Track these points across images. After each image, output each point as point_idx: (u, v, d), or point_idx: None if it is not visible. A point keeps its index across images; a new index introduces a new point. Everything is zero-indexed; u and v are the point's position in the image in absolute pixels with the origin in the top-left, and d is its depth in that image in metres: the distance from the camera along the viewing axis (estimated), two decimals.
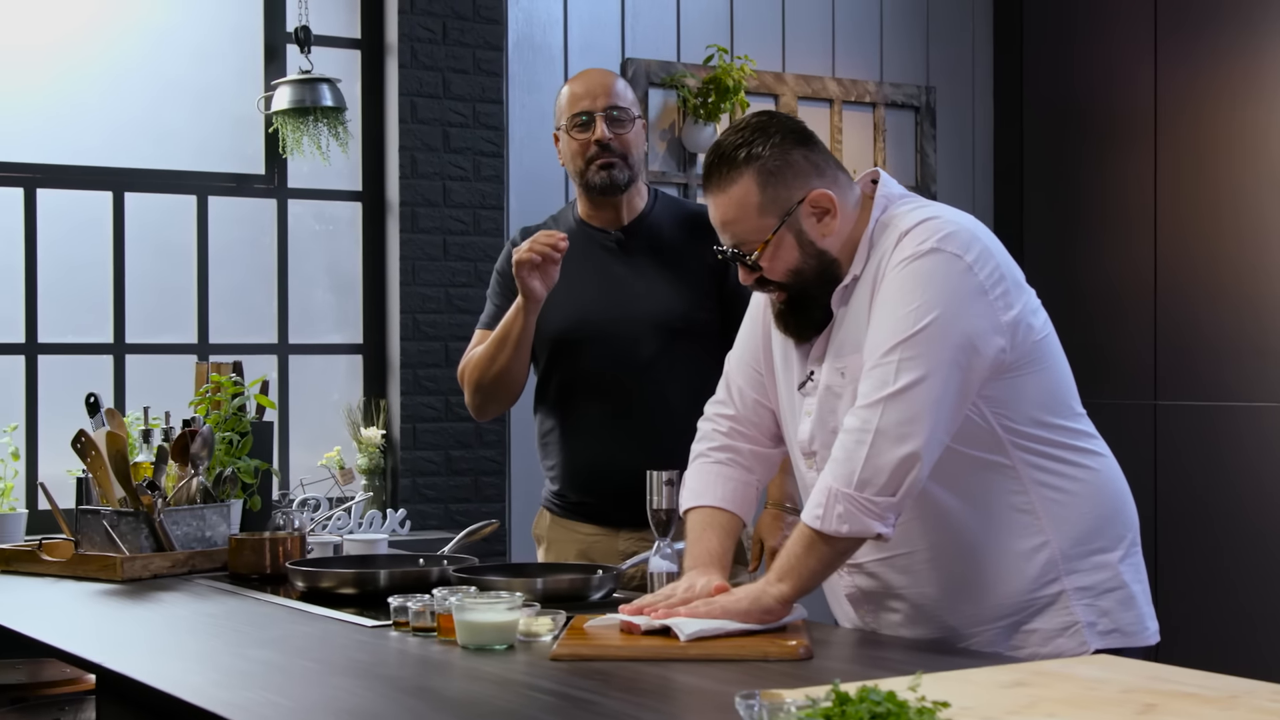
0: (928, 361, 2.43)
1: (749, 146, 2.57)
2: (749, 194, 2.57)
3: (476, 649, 2.47)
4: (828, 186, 2.59)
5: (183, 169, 5.22)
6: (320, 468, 5.23)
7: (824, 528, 2.46)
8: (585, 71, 3.58)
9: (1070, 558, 2.59)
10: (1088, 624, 2.58)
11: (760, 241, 2.59)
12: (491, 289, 3.64)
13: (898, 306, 2.48)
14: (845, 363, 2.59)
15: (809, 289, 2.61)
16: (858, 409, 2.47)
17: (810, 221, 2.58)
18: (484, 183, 5.47)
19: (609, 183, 3.45)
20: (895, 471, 2.42)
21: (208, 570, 3.51)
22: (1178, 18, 5.97)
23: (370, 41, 5.45)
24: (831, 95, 6.18)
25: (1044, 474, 2.58)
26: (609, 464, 3.43)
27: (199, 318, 5.23)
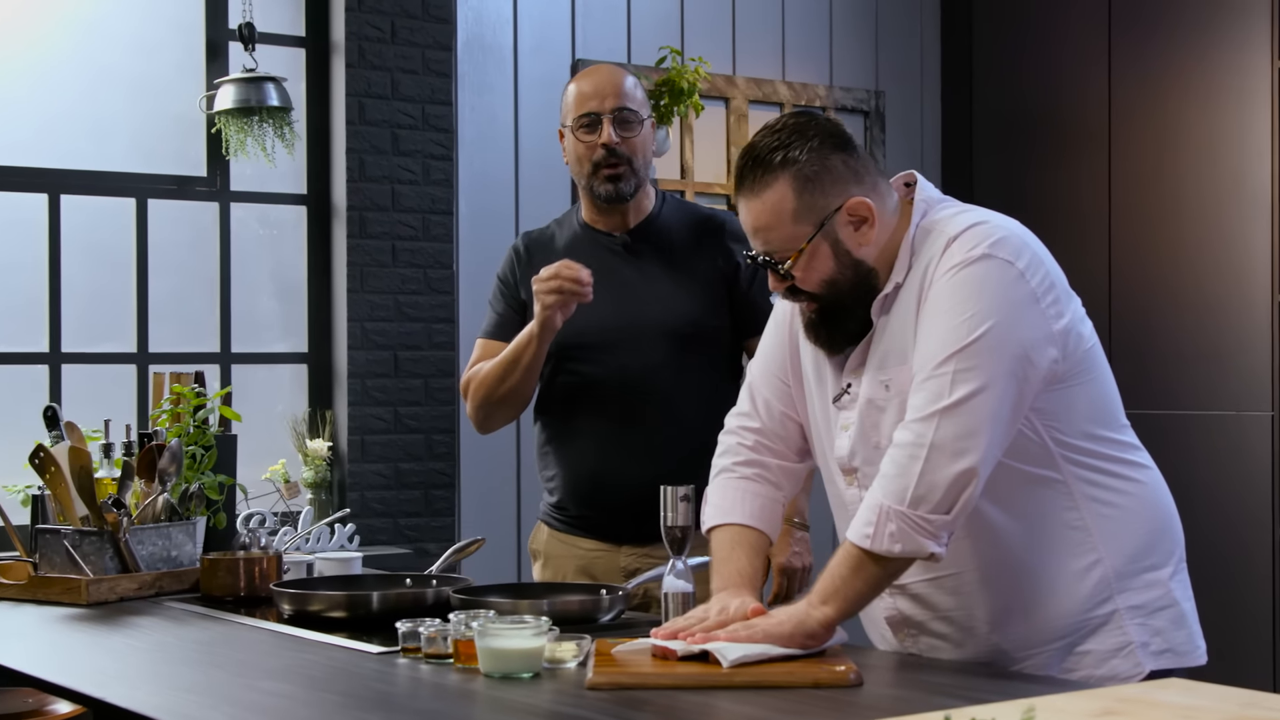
0: (984, 373, 2.32)
1: (785, 149, 2.44)
2: (784, 200, 2.44)
3: (501, 677, 2.32)
4: (866, 194, 2.46)
5: (121, 170, 5.01)
6: (264, 481, 5.03)
7: (874, 547, 2.33)
8: (594, 68, 3.44)
9: (1123, 575, 2.49)
10: (1141, 644, 2.49)
11: (794, 250, 2.45)
12: (493, 296, 3.49)
13: (950, 316, 2.36)
14: (890, 375, 2.46)
15: (844, 300, 2.48)
16: (910, 422, 2.35)
17: (847, 230, 2.45)
18: (434, 186, 5.31)
19: (615, 194, 3.33)
20: (951, 488, 2.31)
21: (176, 592, 3.33)
22: (1131, 19, 5.93)
23: (316, 40, 5.27)
24: (782, 99, 6.08)
25: (1095, 489, 2.48)
26: (613, 476, 3.29)
27: (138, 326, 5.02)
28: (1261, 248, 5.52)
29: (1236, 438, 5.57)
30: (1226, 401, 5.60)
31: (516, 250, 3.49)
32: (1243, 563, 5.52)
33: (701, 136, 5.90)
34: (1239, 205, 5.59)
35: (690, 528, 2.70)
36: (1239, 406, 5.58)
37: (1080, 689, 2.18)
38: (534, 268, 3.42)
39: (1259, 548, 5.51)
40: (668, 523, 2.70)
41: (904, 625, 2.58)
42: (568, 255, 3.39)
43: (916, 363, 2.39)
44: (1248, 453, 5.55)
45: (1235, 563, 5.53)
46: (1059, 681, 2.33)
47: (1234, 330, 5.60)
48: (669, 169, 5.83)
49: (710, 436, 3.31)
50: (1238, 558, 5.53)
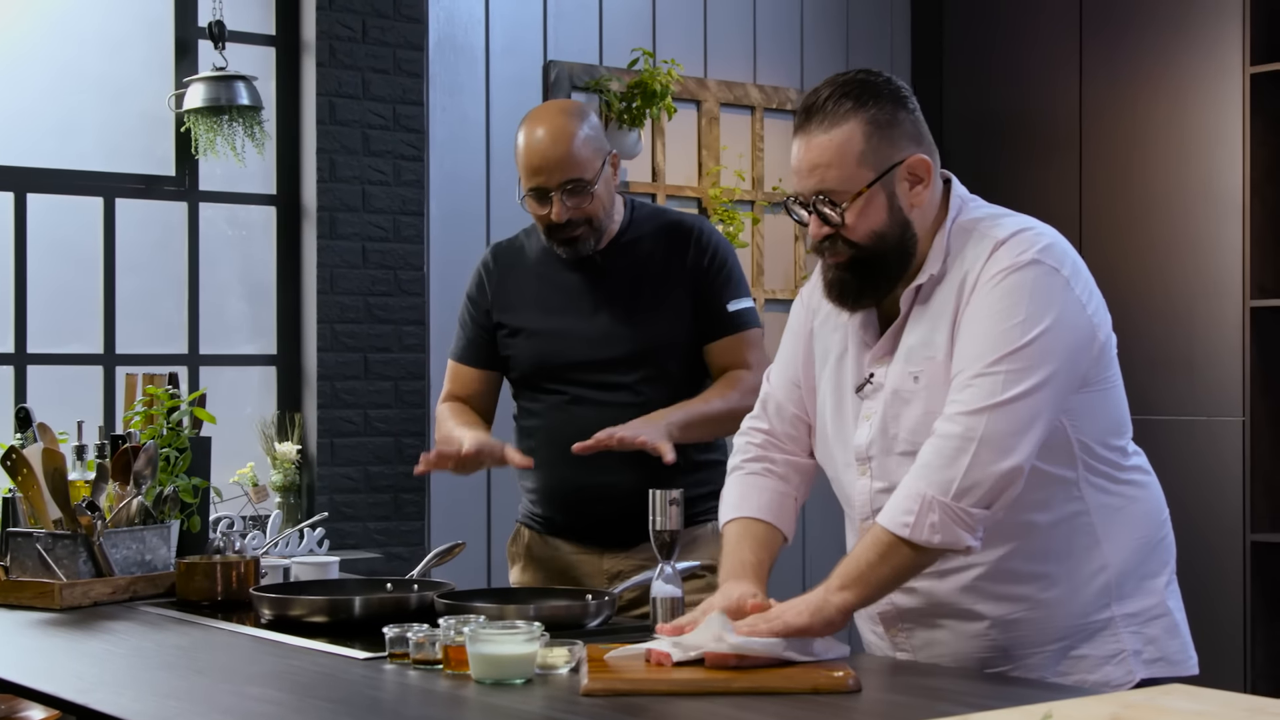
0: (1035, 375, 2.34)
1: (861, 93, 2.44)
2: (853, 140, 2.42)
3: (493, 683, 2.28)
4: (928, 155, 2.47)
5: (88, 169, 4.94)
6: (232, 485, 4.97)
7: (913, 536, 2.32)
8: (536, 123, 3.22)
9: (1123, 582, 2.50)
10: (1133, 652, 2.49)
11: (852, 193, 2.43)
12: (462, 316, 3.45)
13: (1002, 318, 2.37)
14: (920, 368, 2.46)
15: (887, 256, 2.46)
16: (957, 415, 2.34)
17: (904, 186, 2.45)
18: (404, 187, 5.26)
19: (573, 255, 3.27)
20: (996, 484, 2.31)
21: (151, 596, 3.27)
22: (1102, 22, 5.93)
23: (286, 38, 5.21)
24: (753, 102, 6.06)
25: (1105, 494, 2.49)
26: (592, 488, 3.25)
27: (105, 326, 4.96)
28: (1232, 253, 5.52)
29: (1208, 443, 5.58)
30: (1198, 407, 5.60)
31: (485, 265, 3.43)
32: (1214, 569, 5.53)
33: (673, 139, 5.88)
34: (1210, 210, 5.60)
35: (679, 532, 2.67)
36: (1210, 412, 5.58)
37: (1080, 694, 2.16)
38: (503, 281, 3.39)
39: (1230, 554, 5.51)
40: (656, 527, 2.67)
41: (899, 620, 2.55)
42: (537, 271, 3.36)
43: (961, 360, 2.39)
44: (1219, 458, 5.55)
45: (1207, 569, 5.53)
46: (1060, 687, 2.30)
47: (1205, 335, 5.60)
48: (640, 172, 5.79)
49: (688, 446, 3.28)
50: (1210, 564, 5.53)
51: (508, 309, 3.37)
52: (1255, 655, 5.46)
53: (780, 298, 6.10)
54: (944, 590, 2.49)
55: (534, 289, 3.35)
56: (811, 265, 6.16)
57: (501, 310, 3.38)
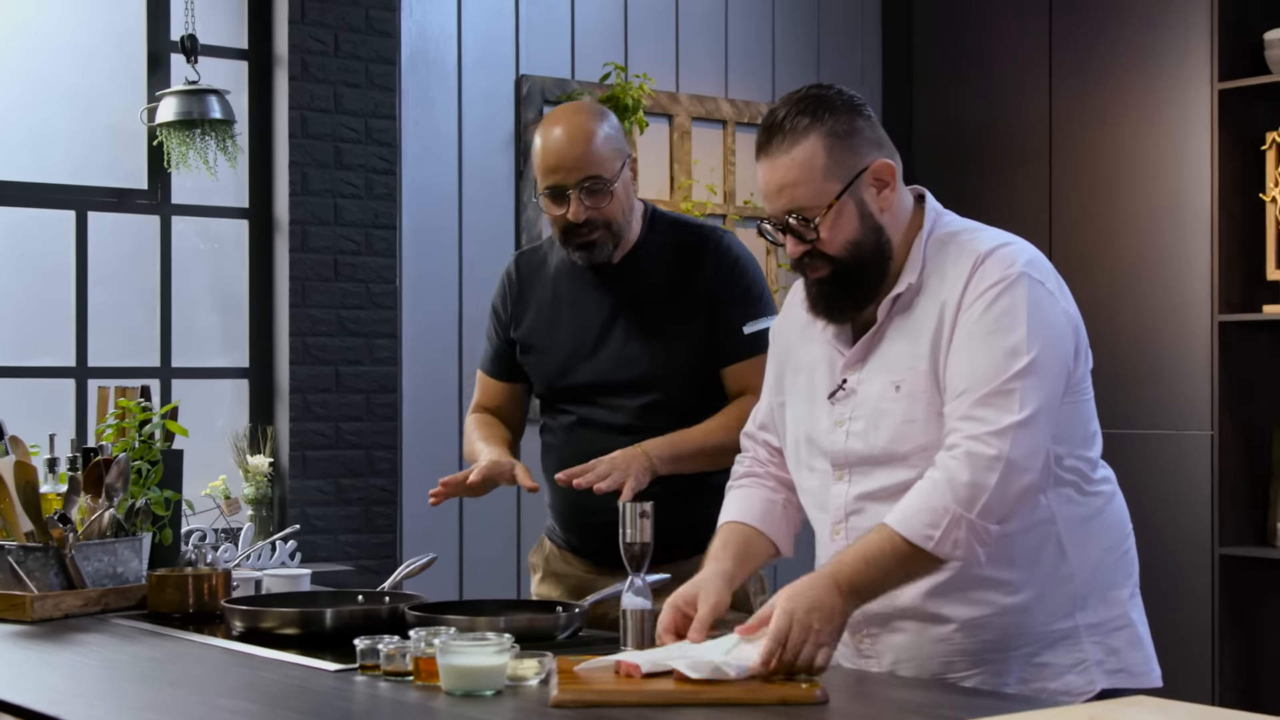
0: (1043, 391, 2.40)
1: (816, 109, 2.48)
2: (815, 156, 2.45)
3: (463, 695, 2.29)
4: (889, 159, 2.52)
5: (59, 182, 4.94)
6: (204, 497, 4.97)
7: (937, 550, 2.34)
8: (557, 124, 3.17)
9: (1087, 593, 2.53)
10: (1096, 661, 2.52)
11: (822, 207, 2.46)
12: (488, 326, 3.44)
13: (1004, 335, 2.41)
14: (903, 377, 2.49)
15: (864, 264, 2.50)
16: (986, 435, 2.36)
17: (871, 193, 2.49)
18: (377, 201, 5.27)
19: (589, 261, 3.20)
20: (1017, 503, 2.37)
21: (122, 609, 3.27)
22: (1071, 36, 5.97)
23: (259, 52, 5.22)
24: (725, 116, 6.09)
25: (1072, 505, 2.52)
26: (598, 507, 3.18)
27: (77, 339, 4.95)
28: (1201, 268, 5.56)
29: (1176, 458, 5.61)
30: (1166, 421, 5.64)
31: (509, 275, 3.40)
32: (1183, 582, 5.56)
33: (645, 153, 5.89)
34: (1179, 225, 5.64)
35: (649, 544, 2.67)
36: (1179, 426, 5.62)
37: (1042, 705, 2.18)
38: (525, 291, 3.36)
39: (1199, 567, 5.55)
40: (626, 539, 2.68)
41: (863, 625, 2.56)
42: (556, 283, 3.32)
43: (966, 378, 2.41)
44: (1187, 472, 5.58)
45: (1175, 582, 5.57)
46: (1024, 699, 2.33)
47: (1174, 349, 5.64)
48: None
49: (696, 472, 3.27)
50: (1178, 577, 5.57)
51: (522, 324, 3.35)
52: (1223, 668, 5.50)
53: None
54: (909, 595, 2.50)
55: (548, 304, 3.31)
56: (786, 280, 6.18)
57: (517, 325, 3.35)
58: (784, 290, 5.98)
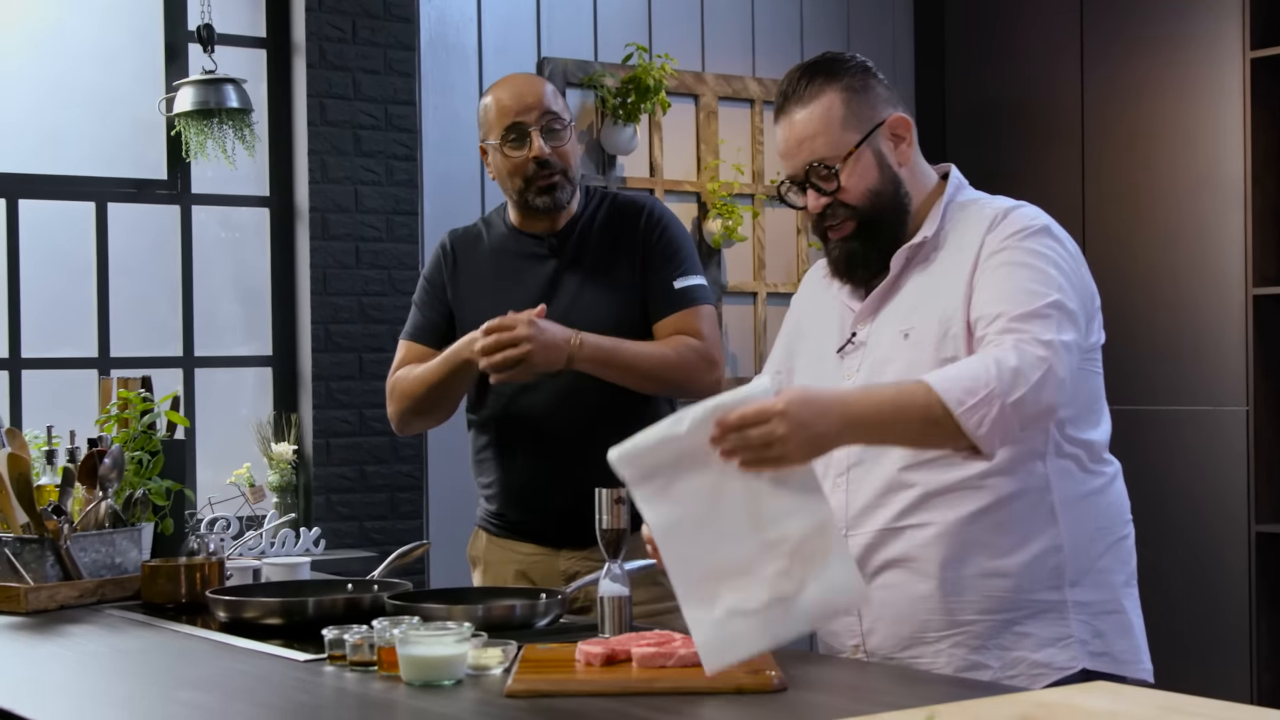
0: (1072, 329, 2.42)
1: (832, 65, 2.60)
2: (833, 107, 2.56)
3: (422, 685, 2.28)
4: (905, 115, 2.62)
5: (80, 174, 4.97)
6: (229, 486, 5.00)
7: (963, 418, 2.29)
8: (509, 78, 3.33)
9: (1078, 570, 2.52)
10: (1080, 640, 2.51)
11: (842, 156, 2.55)
12: (418, 297, 3.44)
13: (1037, 271, 2.44)
14: (913, 325, 2.53)
15: (883, 216, 2.57)
16: (1033, 340, 2.35)
17: (889, 145, 2.59)
18: (397, 187, 5.27)
19: (552, 204, 3.26)
20: (1042, 414, 2.37)
21: (119, 599, 3.28)
22: (1103, 10, 5.89)
23: (276, 40, 5.23)
24: (752, 95, 6.04)
25: (1069, 479, 2.53)
26: (548, 480, 3.24)
27: (99, 330, 4.99)
28: (1235, 242, 5.47)
29: (1212, 433, 5.53)
30: (1202, 397, 5.55)
31: (444, 248, 3.43)
32: (1219, 559, 5.48)
33: (671, 134, 5.86)
34: (1212, 199, 5.55)
35: (625, 530, 2.66)
36: (1214, 402, 5.53)
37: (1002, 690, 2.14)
38: (460, 268, 3.38)
39: (1235, 544, 5.46)
40: (602, 525, 2.67)
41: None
42: (494, 259, 3.35)
43: (1000, 302, 2.42)
44: (1223, 448, 5.50)
45: (1212, 559, 5.49)
46: (986, 685, 2.29)
47: (1209, 325, 5.55)
48: (637, 167, 5.78)
49: None
50: (1214, 555, 5.48)
51: (462, 297, 3.36)
52: (1260, 645, 5.41)
53: (782, 291, 6.08)
54: (897, 543, 2.52)
55: (489, 278, 3.34)
56: (815, 258, 6.13)
57: (456, 298, 3.37)
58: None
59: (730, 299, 5.95)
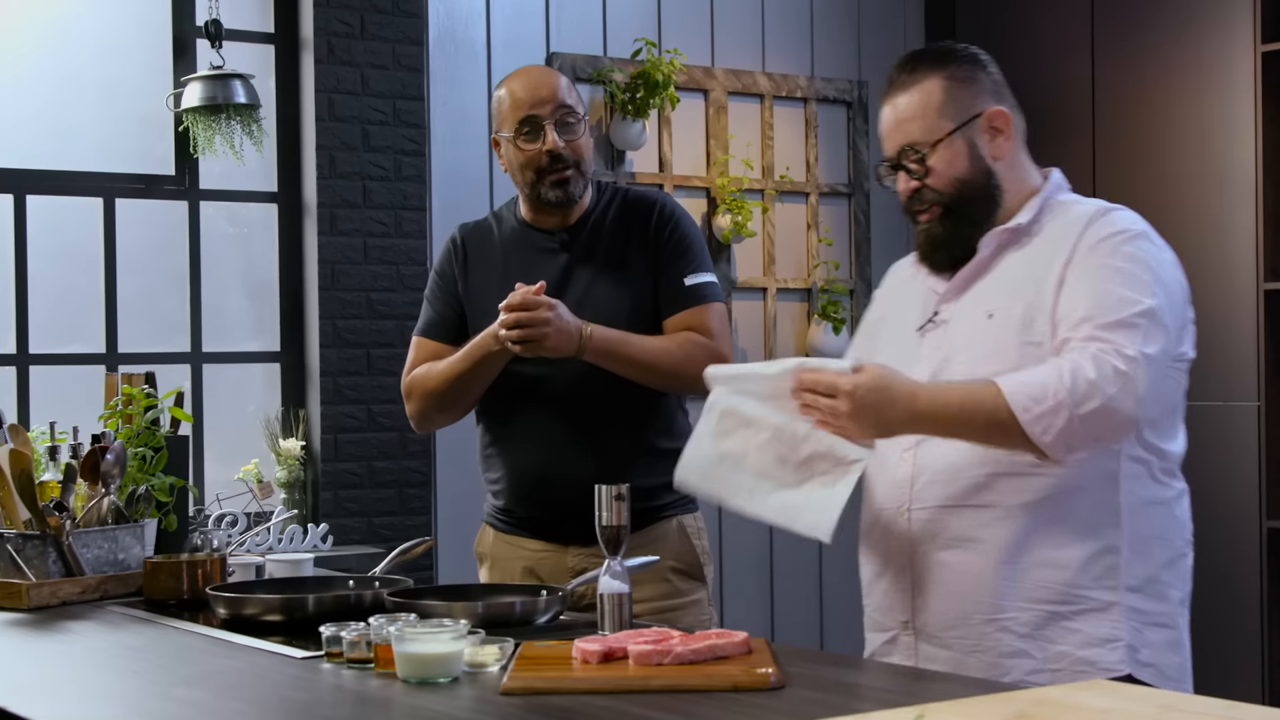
0: (1162, 340, 2.44)
1: (937, 57, 2.67)
2: (933, 94, 2.63)
3: (418, 682, 2.27)
4: (1010, 111, 2.66)
5: (87, 170, 4.97)
6: (237, 481, 4.99)
7: (1028, 425, 2.37)
8: (524, 70, 3.33)
9: (1134, 576, 2.52)
10: (1129, 645, 2.50)
11: (932, 142, 2.61)
12: (430, 291, 3.43)
13: (1131, 277, 2.46)
14: (998, 306, 2.55)
15: (970, 204, 2.62)
16: (1115, 352, 2.39)
17: (984, 138, 2.63)
18: (405, 183, 5.26)
19: (565, 198, 3.25)
20: (1117, 428, 2.40)
21: (121, 595, 3.28)
22: (1114, 6, 5.86)
23: (285, 36, 5.22)
24: (762, 90, 6.02)
25: (1137, 482, 2.54)
26: (556, 475, 3.23)
27: (107, 326, 4.99)
28: (1246, 236, 5.44)
29: (1224, 428, 5.50)
30: (1213, 392, 5.52)
31: (454, 242, 3.42)
32: (1231, 555, 5.45)
33: (680, 129, 5.85)
34: (1223, 194, 5.52)
35: (625, 527, 2.65)
36: (1226, 397, 5.50)
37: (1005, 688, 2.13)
38: (471, 262, 3.37)
39: (1247, 539, 5.44)
40: (602, 522, 2.65)
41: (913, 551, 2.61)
42: (505, 253, 3.34)
43: (1086, 306, 2.45)
44: (1235, 443, 5.47)
45: (1224, 555, 5.46)
46: (986, 684, 2.27)
47: (1220, 320, 5.52)
48: (646, 162, 5.77)
49: (652, 431, 3.27)
50: (1226, 550, 5.46)
51: (473, 291, 3.35)
52: (1273, 642, 5.39)
53: (792, 287, 6.06)
54: (958, 520, 2.55)
55: (500, 272, 3.33)
56: (824, 255, 6.12)
57: (467, 292, 3.36)
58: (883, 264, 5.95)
59: (740, 294, 5.94)
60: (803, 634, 6.06)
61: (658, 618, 3.18)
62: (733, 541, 5.91)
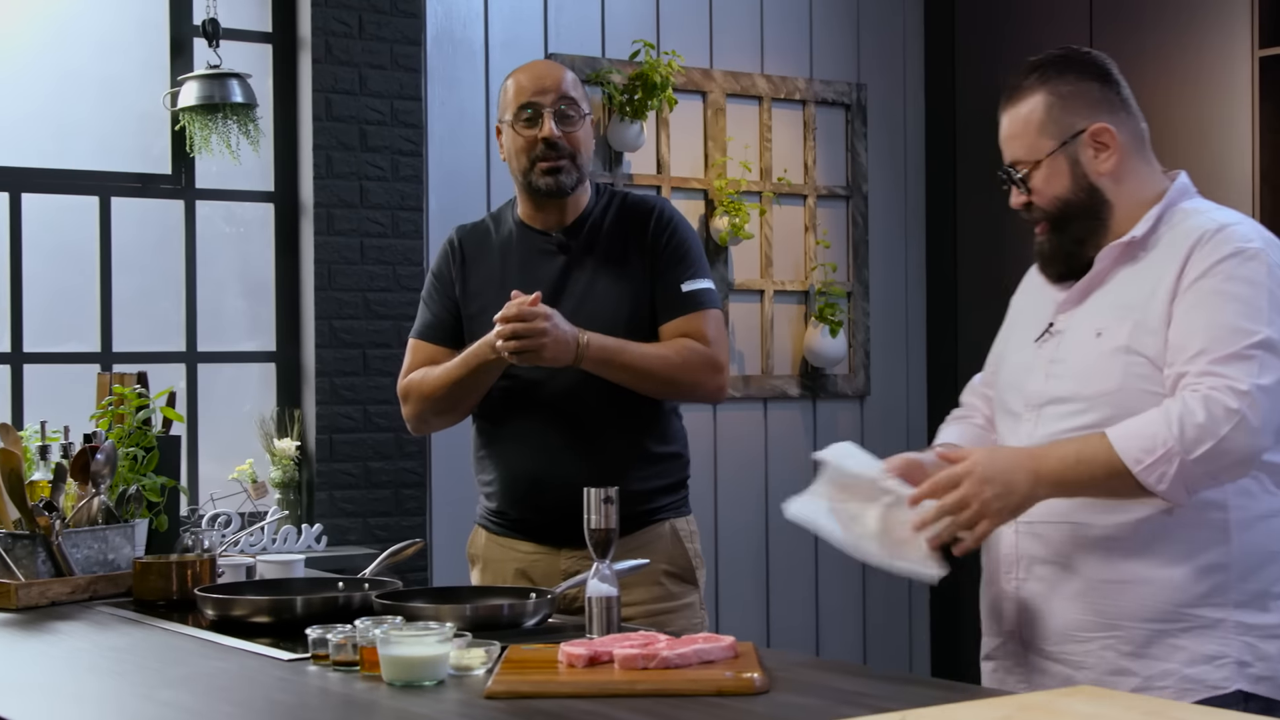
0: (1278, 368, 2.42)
1: (1046, 69, 2.65)
2: (1034, 112, 2.64)
3: (404, 685, 2.27)
4: (1117, 125, 2.62)
5: (84, 168, 4.97)
6: (231, 481, 4.98)
7: (1141, 476, 2.39)
8: (533, 62, 3.38)
9: (1244, 591, 2.49)
10: (1239, 662, 2.47)
11: (1033, 162, 2.63)
12: (427, 293, 3.42)
13: (1247, 304, 2.44)
14: (1106, 324, 2.55)
15: (1072, 221, 2.62)
16: (1228, 388, 2.38)
17: (1088, 154, 2.62)
18: (403, 183, 5.25)
19: (555, 187, 3.25)
20: (1237, 464, 2.40)
21: (111, 596, 3.28)
22: (1113, 9, 5.85)
23: (282, 35, 5.21)
24: (760, 92, 6.01)
25: (1248, 498, 2.49)
26: (550, 478, 3.22)
27: (102, 325, 4.98)
28: None
29: None
30: None
31: (452, 244, 3.41)
32: None
33: (678, 131, 5.84)
34: (1220, 197, 5.41)
35: (614, 530, 2.64)
36: None
37: (991, 695, 2.12)
38: (469, 264, 3.37)
39: None
40: (590, 525, 2.65)
41: (1017, 563, 2.64)
42: (503, 254, 3.33)
43: (1201, 338, 2.43)
44: None
45: None
46: (968, 689, 2.26)
47: None
48: (644, 164, 5.76)
49: (646, 435, 3.26)
50: None
51: (470, 291, 3.35)
52: None
53: (790, 289, 6.05)
54: (1059, 540, 2.56)
55: (497, 274, 3.32)
56: (822, 257, 6.11)
57: (464, 294, 3.35)
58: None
59: (737, 296, 5.93)
60: (799, 639, 6.05)
61: (650, 620, 3.17)
62: (729, 546, 5.90)
